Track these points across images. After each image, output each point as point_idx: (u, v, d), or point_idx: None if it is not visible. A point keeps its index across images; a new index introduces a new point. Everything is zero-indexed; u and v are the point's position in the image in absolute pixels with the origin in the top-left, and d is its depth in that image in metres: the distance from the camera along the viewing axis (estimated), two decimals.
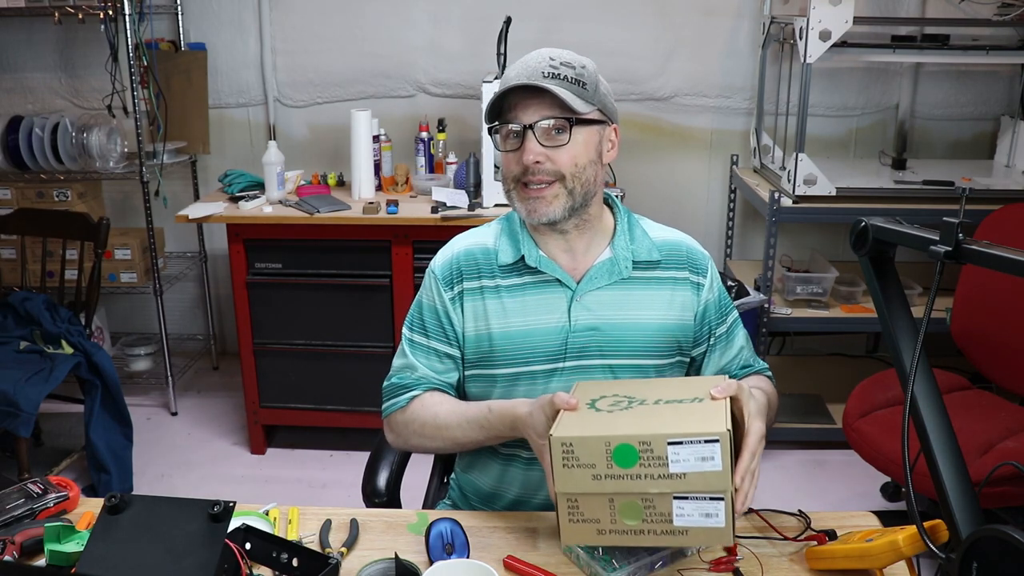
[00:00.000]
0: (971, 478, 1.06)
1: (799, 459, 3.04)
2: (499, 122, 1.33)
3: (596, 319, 1.37)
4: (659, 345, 1.39)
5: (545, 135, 1.30)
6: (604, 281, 1.38)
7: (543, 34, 3.33)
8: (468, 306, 1.40)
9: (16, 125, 3.19)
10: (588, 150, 1.33)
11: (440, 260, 1.44)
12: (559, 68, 1.29)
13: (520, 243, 1.39)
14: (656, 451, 1.05)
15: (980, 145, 3.46)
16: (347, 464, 3.03)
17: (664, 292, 1.40)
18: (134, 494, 1.07)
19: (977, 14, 3.12)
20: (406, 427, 1.40)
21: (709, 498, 1.05)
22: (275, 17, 3.44)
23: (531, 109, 1.29)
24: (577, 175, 1.31)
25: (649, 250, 1.41)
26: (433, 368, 1.42)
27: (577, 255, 1.40)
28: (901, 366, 1.15)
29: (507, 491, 1.43)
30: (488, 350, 1.39)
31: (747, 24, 3.36)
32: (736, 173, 3.39)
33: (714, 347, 1.44)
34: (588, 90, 1.31)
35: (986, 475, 1.28)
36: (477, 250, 1.42)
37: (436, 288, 1.42)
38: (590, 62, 1.34)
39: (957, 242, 1.04)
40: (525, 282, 1.39)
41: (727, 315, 1.46)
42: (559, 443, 1.08)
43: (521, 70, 1.30)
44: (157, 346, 3.50)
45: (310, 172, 3.26)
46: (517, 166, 1.32)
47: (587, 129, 1.32)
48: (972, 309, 2.57)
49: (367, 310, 2.91)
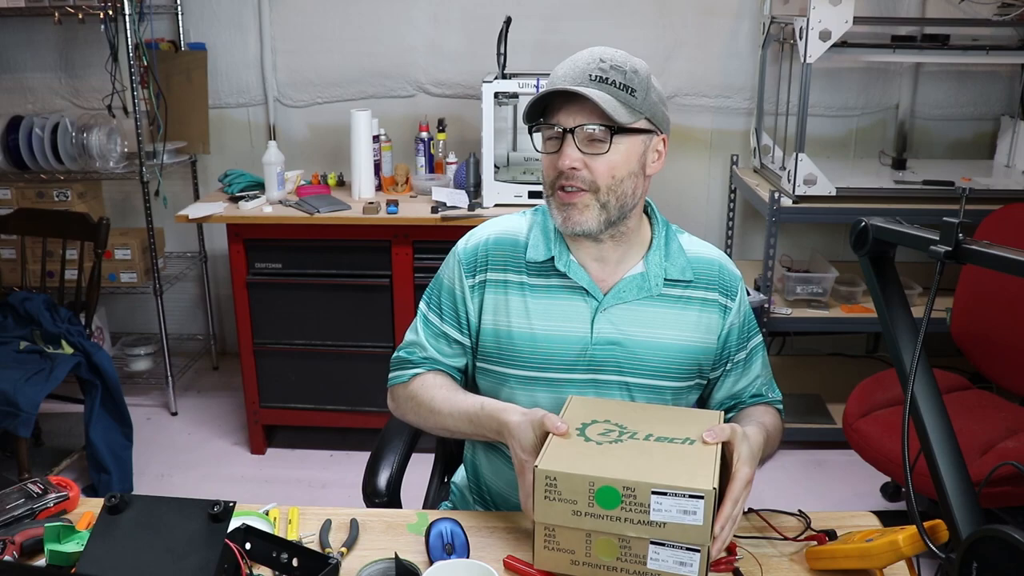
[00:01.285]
0: (971, 478, 1.06)
1: (799, 459, 3.04)
2: (541, 122, 1.28)
3: (619, 334, 1.33)
4: (680, 367, 1.35)
5: (585, 142, 1.25)
6: (632, 296, 1.34)
7: (543, 34, 3.33)
8: (490, 297, 1.37)
9: (16, 125, 3.19)
10: (629, 161, 1.27)
11: (467, 244, 1.40)
12: (608, 72, 1.23)
13: (552, 243, 1.35)
14: (639, 497, 1.05)
15: (980, 145, 3.46)
16: (347, 464, 3.03)
17: (692, 313, 1.36)
18: (134, 494, 1.07)
19: (977, 14, 3.12)
20: (405, 402, 1.41)
21: (686, 548, 1.06)
22: (275, 17, 3.44)
23: (573, 112, 1.24)
24: (613, 188, 1.26)
25: (683, 269, 1.36)
26: (441, 351, 1.41)
27: (608, 265, 1.35)
28: (901, 366, 1.15)
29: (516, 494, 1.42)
30: (505, 347, 1.35)
31: (747, 24, 3.36)
32: (736, 173, 3.39)
33: (729, 372, 1.41)
34: (637, 97, 1.25)
35: (986, 475, 1.27)
36: (507, 241, 1.38)
37: (458, 271, 1.39)
38: (643, 65, 1.28)
39: (957, 242, 1.04)
40: (551, 284, 1.35)
41: (749, 340, 1.42)
42: (543, 475, 1.08)
43: (569, 69, 1.25)
44: (157, 346, 3.50)
45: (310, 172, 3.26)
46: (553, 170, 1.28)
47: (630, 139, 1.26)
48: (972, 309, 2.57)
49: (367, 310, 2.91)
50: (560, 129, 1.25)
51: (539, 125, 1.29)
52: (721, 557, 1.19)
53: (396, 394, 1.44)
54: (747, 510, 1.32)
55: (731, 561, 1.19)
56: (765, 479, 2.93)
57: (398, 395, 1.43)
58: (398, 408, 1.45)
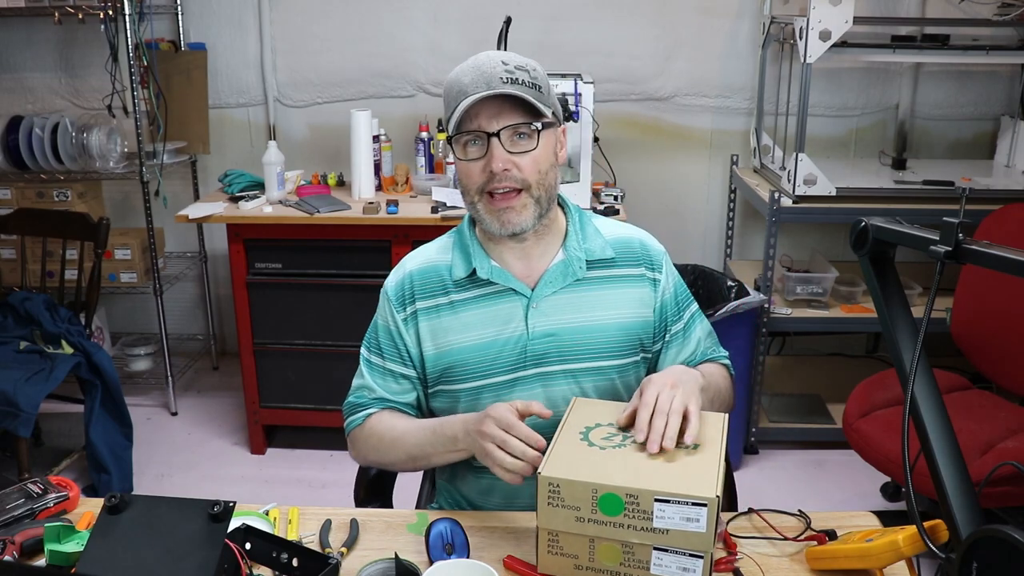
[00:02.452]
0: (971, 478, 1.06)
1: (799, 459, 3.04)
2: (463, 132, 1.28)
3: (553, 325, 1.36)
4: (620, 345, 1.38)
5: (510, 142, 1.27)
6: (559, 284, 1.36)
7: (543, 34, 3.33)
8: (424, 325, 1.39)
9: (16, 125, 3.20)
10: (548, 154, 1.31)
11: (392, 281, 1.43)
12: (515, 72, 1.25)
13: (471, 256, 1.37)
14: (642, 505, 1.06)
15: (980, 145, 3.46)
16: (347, 464, 2.98)
17: (621, 290, 1.39)
18: (134, 494, 1.07)
19: (977, 14, 3.12)
20: (365, 443, 1.41)
21: (689, 554, 1.06)
22: (275, 17, 3.44)
23: (494, 116, 1.26)
24: (541, 181, 1.30)
25: (602, 248, 1.39)
26: (388, 389, 1.42)
27: (532, 260, 1.38)
28: (901, 366, 1.15)
29: (488, 502, 1.43)
30: (449, 366, 1.38)
31: (747, 24, 3.36)
32: (736, 173, 3.39)
33: (670, 343, 1.43)
34: (544, 93, 1.29)
35: (986, 475, 1.28)
36: (428, 268, 1.41)
37: (389, 308, 1.42)
38: (537, 63, 1.31)
39: (957, 242, 1.04)
40: (480, 294, 1.37)
41: (684, 311, 1.45)
42: (546, 482, 1.08)
43: (477, 76, 1.25)
44: (157, 346, 3.50)
45: (310, 172, 3.26)
46: (482, 175, 1.29)
47: (547, 132, 1.31)
48: (972, 309, 2.57)
49: (367, 310, 2.86)
50: (486, 133, 1.27)
51: (463, 134, 1.29)
52: (721, 557, 1.19)
53: (354, 439, 1.44)
54: (747, 510, 1.32)
55: (731, 561, 1.19)
56: (765, 479, 2.93)
57: (356, 438, 1.43)
58: (359, 451, 1.44)
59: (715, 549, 1.10)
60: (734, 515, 1.32)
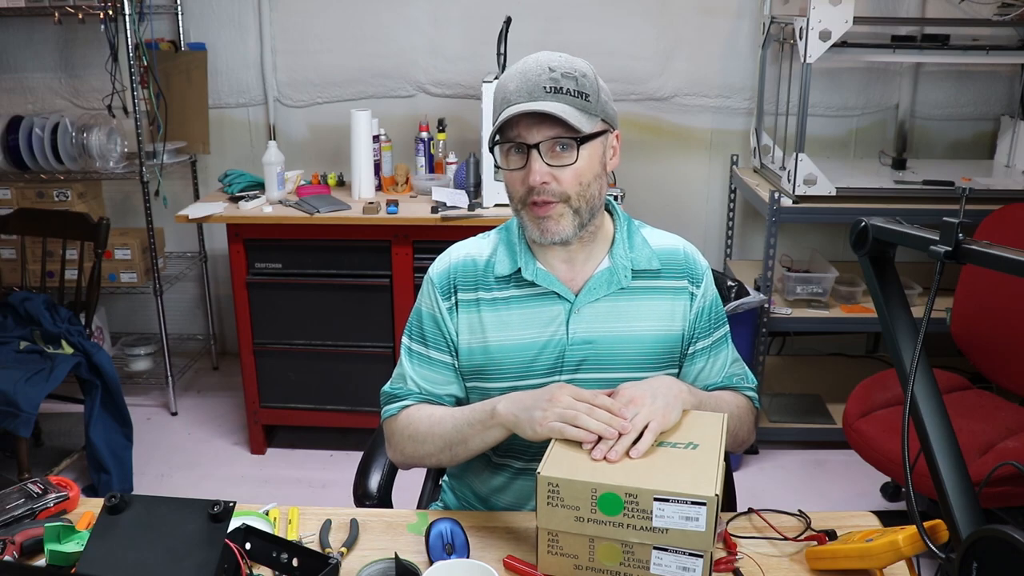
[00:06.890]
0: (971, 478, 1.06)
1: (799, 459, 3.04)
2: (501, 140, 1.27)
3: (593, 332, 1.34)
4: (656, 357, 1.36)
5: (550, 154, 1.25)
6: (603, 292, 1.34)
7: (543, 34, 3.33)
8: (463, 318, 1.37)
9: (16, 125, 3.20)
10: (593, 164, 1.28)
11: (437, 268, 1.42)
12: (560, 80, 1.22)
13: (517, 255, 1.36)
14: (641, 504, 1.06)
15: (980, 145, 3.46)
16: (347, 464, 3.02)
17: (662, 302, 1.37)
18: (134, 494, 1.07)
19: (977, 14, 3.12)
20: (400, 433, 1.37)
21: (689, 553, 1.06)
22: (275, 17, 3.44)
23: (535, 127, 1.23)
24: (582, 194, 1.27)
25: (649, 259, 1.37)
26: (428, 379, 1.40)
27: (576, 265, 1.36)
28: (901, 366, 1.15)
29: (499, 500, 1.42)
30: (483, 364, 1.36)
31: (747, 24, 3.36)
32: (736, 173, 3.39)
33: (693, 358, 1.40)
34: (591, 101, 1.25)
35: (986, 475, 1.27)
36: (469, 261, 1.39)
37: (434, 295, 1.39)
38: (588, 66, 1.28)
39: (957, 242, 1.04)
40: (522, 294, 1.36)
41: (715, 330, 1.41)
42: (545, 482, 1.09)
43: (521, 84, 1.23)
44: (157, 346, 3.50)
45: (310, 172, 3.26)
46: (522, 186, 1.27)
47: (592, 144, 1.27)
48: (972, 309, 2.57)
49: (367, 310, 2.91)
50: (525, 144, 1.25)
51: (502, 143, 1.28)
52: (721, 557, 1.19)
53: (390, 429, 1.41)
54: (747, 510, 1.32)
55: (731, 561, 1.19)
56: (765, 479, 2.93)
57: (392, 430, 1.40)
58: (394, 446, 1.40)
59: (715, 549, 1.10)
60: (734, 515, 1.32)
